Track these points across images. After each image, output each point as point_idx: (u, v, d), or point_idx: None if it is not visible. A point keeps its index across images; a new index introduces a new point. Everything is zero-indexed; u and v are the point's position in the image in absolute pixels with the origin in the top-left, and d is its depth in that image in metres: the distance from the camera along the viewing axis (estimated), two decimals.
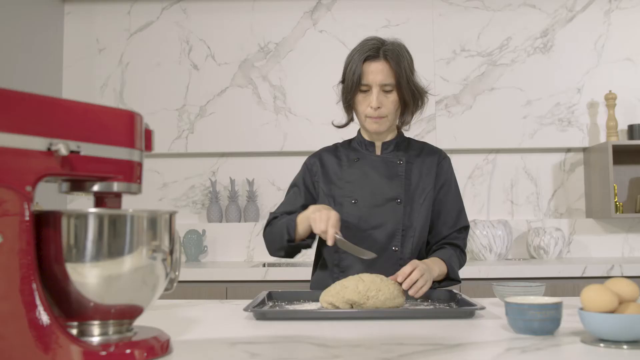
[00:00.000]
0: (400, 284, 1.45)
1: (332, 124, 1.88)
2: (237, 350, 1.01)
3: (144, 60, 3.49)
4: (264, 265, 3.14)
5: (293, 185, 1.85)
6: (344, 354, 0.97)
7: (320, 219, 1.53)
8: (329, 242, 1.51)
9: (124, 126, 0.97)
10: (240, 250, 3.41)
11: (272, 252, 1.76)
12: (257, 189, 3.46)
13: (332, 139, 1.96)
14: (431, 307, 1.45)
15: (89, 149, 0.92)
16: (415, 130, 3.34)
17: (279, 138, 3.43)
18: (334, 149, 1.86)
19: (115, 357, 0.90)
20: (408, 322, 1.26)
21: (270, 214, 1.82)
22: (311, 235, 1.69)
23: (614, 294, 1.03)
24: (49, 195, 2.78)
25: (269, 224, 1.79)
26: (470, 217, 3.40)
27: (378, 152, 1.79)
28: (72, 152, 0.90)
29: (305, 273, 2.59)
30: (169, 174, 3.50)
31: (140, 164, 1.00)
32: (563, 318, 1.15)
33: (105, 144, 0.94)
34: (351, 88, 1.68)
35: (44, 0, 3.32)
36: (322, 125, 3.29)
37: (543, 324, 1.09)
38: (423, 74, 3.38)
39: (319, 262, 1.81)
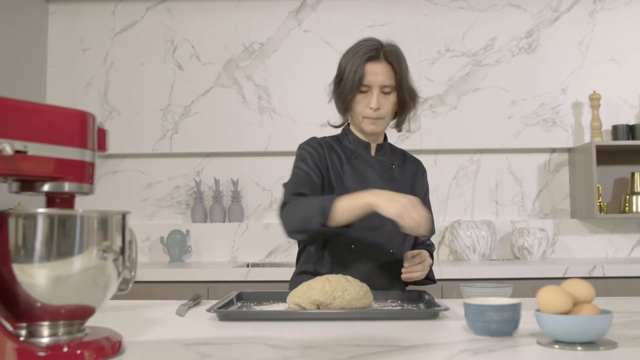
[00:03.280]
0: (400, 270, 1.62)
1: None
2: (189, 351, 1.00)
3: (129, 60, 3.48)
4: (247, 266, 3.14)
5: (303, 160, 1.69)
6: (295, 355, 0.96)
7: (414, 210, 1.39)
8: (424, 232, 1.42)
9: (75, 126, 0.96)
10: (224, 250, 3.40)
11: (291, 233, 1.58)
12: (242, 189, 3.45)
13: None
14: (398, 307, 1.45)
15: (37, 149, 0.91)
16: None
17: (264, 138, 3.42)
18: (328, 143, 1.75)
19: (63, 358, 0.89)
20: (372, 322, 1.26)
21: (289, 194, 1.63)
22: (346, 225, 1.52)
23: (568, 295, 1.02)
24: (34, 197, 2.76)
25: (287, 202, 1.60)
26: (454, 218, 3.41)
27: (373, 153, 1.78)
28: (18, 151, 0.89)
29: (288, 274, 2.58)
30: (153, 174, 3.49)
31: (92, 164, 0.99)
32: (525, 319, 1.14)
33: (55, 143, 0.93)
34: (351, 88, 1.64)
35: None
36: (307, 125, 3.29)
37: (501, 325, 1.08)
38: None
39: (301, 261, 1.78)
